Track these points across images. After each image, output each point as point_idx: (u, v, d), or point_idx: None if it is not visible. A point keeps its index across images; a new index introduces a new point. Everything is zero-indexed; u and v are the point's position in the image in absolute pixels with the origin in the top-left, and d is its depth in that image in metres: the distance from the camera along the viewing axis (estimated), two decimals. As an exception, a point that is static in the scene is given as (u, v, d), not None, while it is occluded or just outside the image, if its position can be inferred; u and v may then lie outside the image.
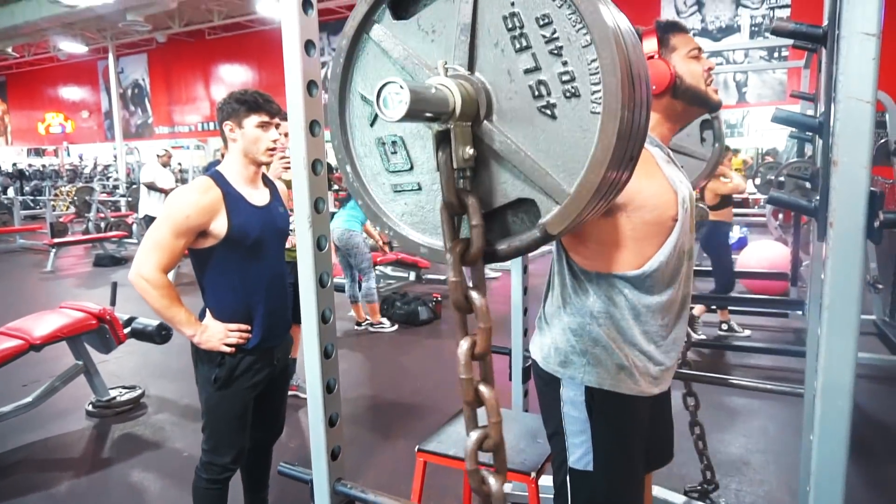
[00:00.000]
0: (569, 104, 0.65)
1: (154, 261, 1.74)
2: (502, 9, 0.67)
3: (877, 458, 2.76)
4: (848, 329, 0.81)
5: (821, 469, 0.85)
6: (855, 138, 0.78)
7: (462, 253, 0.72)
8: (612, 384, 1.30)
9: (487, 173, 0.72)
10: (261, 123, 1.83)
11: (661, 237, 1.27)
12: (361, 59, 0.79)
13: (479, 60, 0.70)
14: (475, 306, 0.72)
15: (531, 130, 0.68)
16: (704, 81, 1.36)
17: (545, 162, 0.67)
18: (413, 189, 0.80)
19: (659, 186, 1.28)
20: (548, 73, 0.66)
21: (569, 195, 0.66)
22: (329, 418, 1.37)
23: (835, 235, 0.80)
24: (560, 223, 0.68)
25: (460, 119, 0.68)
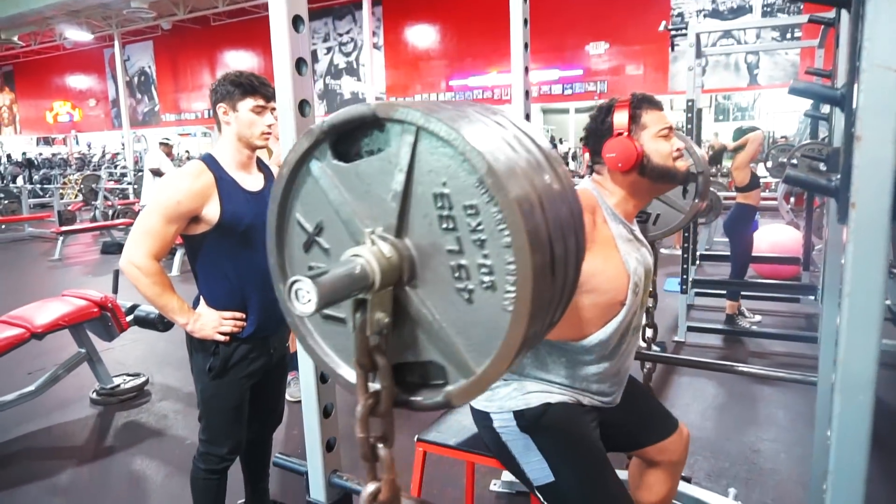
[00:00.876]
0: (485, 294, 0.66)
1: (145, 247, 1.70)
2: (434, 186, 0.67)
3: (892, 448, 2.70)
4: (871, 320, 0.75)
5: (839, 469, 0.79)
6: (881, 111, 0.71)
7: (372, 407, 0.74)
8: (539, 399, 1.36)
9: (406, 329, 0.74)
10: (256, 107, 1.77)
11: (607, 318, 1.34)
12: (302, 187, 0.79)
13: (409, 226, 0.70)
14: (381, 458, 0.75)
15: (449, 306, 0.69)
16: (672, 159, 1.38)
17: (458, 338, 0.69)
18: (339, 322, 0.80)
19: (614, 271, 1.33)
20: (469, 259, 0.66)
21: (474, 375, 0.69)
22: (324, 408, 1.33)
23: (857, 217, 0.74)
24: (464, 397, 0.71)
25: (381, 289, 0.69)
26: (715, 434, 2.82)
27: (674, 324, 4.27)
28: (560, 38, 13.34)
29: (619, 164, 1.36)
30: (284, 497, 2.33)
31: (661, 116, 1.40)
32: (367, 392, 0.74)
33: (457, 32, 15.09)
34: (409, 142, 0.68)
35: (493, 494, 2.35)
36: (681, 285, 4.10)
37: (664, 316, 4.52)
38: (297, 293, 0.64)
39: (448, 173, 0.66)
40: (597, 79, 13.67)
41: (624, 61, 13.37)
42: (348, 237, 0.74)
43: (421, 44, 15.69)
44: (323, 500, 1.35)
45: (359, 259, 0.68)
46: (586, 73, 13.77)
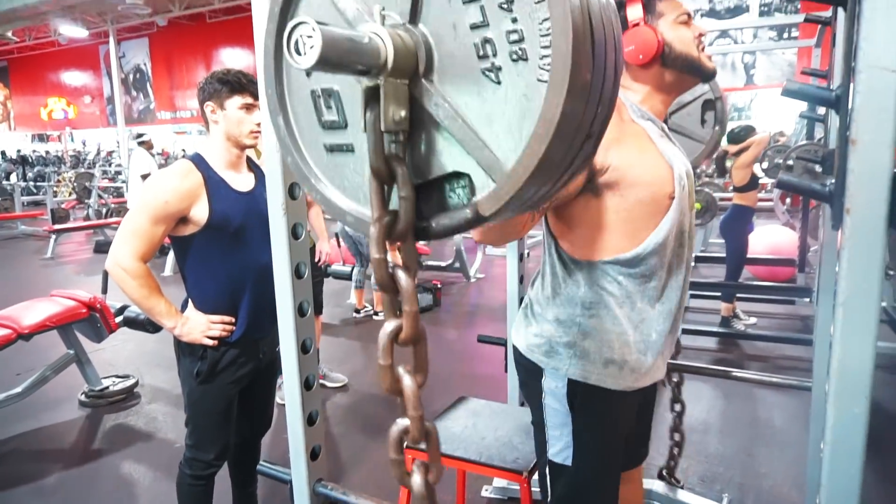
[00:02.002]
0: (515, 68, 0.56)
1: (131, 249, 1.66)
2: None
3: (888, 450, 2.68)
4: (866, 328, 0.73)
5: (833, 483, 0.77)
6: (877, 113, 0.69)
7: (389, 227, 0.62)
8: (598, 378, 1.24)
9: (424, 139, 0.63)
10: (244, 105, 1.74)
11: (657, 217, 1.19)
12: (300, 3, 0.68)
13: (422, 10, 0.61)
14: (401, 287, 0.62)
15: (473, 95, 0.59)
16: (696, 47, 1.26)
17: (485, 132, 0.58)
18: (346, 150, 0.70)
19: (653, 161, 1.19)
20: (495, 30, 0.57)
21: (505, 173, 0.58)
22: (308, 416, 1.31)
23: (852, 223, 0.71)
24: (493, 204, 0.59)
25: (392, 75, 0.59)
26: (709, 437, 2.80)
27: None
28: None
29: (640, 56, 1.25)
30: (272, 501, 2.30)
31: (677, 3, 1.29)
32: (384, 209, 0.63)
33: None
34: None
35: (484, 500, 2.32)
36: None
37: (659, 317, 4.51)
38: (298, 41, 0.54)
39: None
40: (593, 78, 13.68)
41: (620, 61, 13.39)
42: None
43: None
44: (308, 508, 1.32)
45: (368, 30, 0.59)
46: (583, 72, 13.78)
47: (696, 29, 1.26)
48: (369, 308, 5.02)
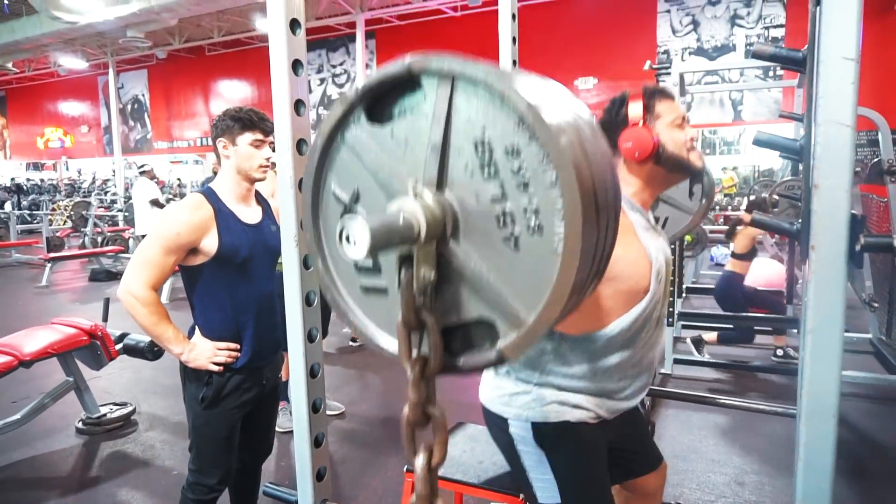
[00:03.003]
0: (532, 239, 0.65)
1: (143, 278, 1.73)
2: (473, 133, 0.66)
3: (874, 479, 2.74)
4: (831, 353, 0.81)
5: (806, 497, 0.84)
6: (835, 162, 0.78)
7: (421, 370, 0.71)
8: (558, 415, 1.34)
9: (451, 289, 0.72)
10: (255, 141, 1.83)
11: (629, 306, 1.30)
12: (336, 158, 0.79)
13: (449, 178, 0.69)
14: (435, 420, 0.71)
15: (495, 256, 0.68)
16: (687, 149, 1.37)
17: (506, 289, 0.67)
18: (380, 292, 0.79)
19: (635, 257, 1.31)
20: (514, 204, 0.65)
21: (526, 325, 0.66)
22: (315, 438, 1.36)
23: (817, 258, 0.80)
24: (517, 350, 0.68)
25: (425, 243, 0.68)
26: (700, 466, 2.85)
27: (660, 356, 4.31)
28: (549, 73, 13.35)
29: (636, 154, 1.35)
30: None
31: (674, 106, 1.39)
32: (412, 354, 0.72)
33: (448, 66, 15.38)
34: (446, 93, 0.68)
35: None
36: (667, 318, 4.15)
37: (651, 347, 4.56)
38: (348, 236, 0.63)
39: (486, 118, 0.65)
40: (585, 113, 13.94)
41: (612, 96, 13.62)
42: (386, 200, 0.72)
43: (413, 76, 15.97)
44: (313, 529, 1.36)
45: (403, 208, 0.67)
46: (575, 107, 14.05)
47: (689, 132, 1.38)
48: None
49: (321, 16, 14.35)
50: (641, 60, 10.50)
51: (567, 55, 13.56)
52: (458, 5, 14.05)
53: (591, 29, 13.38)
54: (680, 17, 12.64)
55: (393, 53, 13.85)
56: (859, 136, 7.94)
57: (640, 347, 1.36)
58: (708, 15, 12.38)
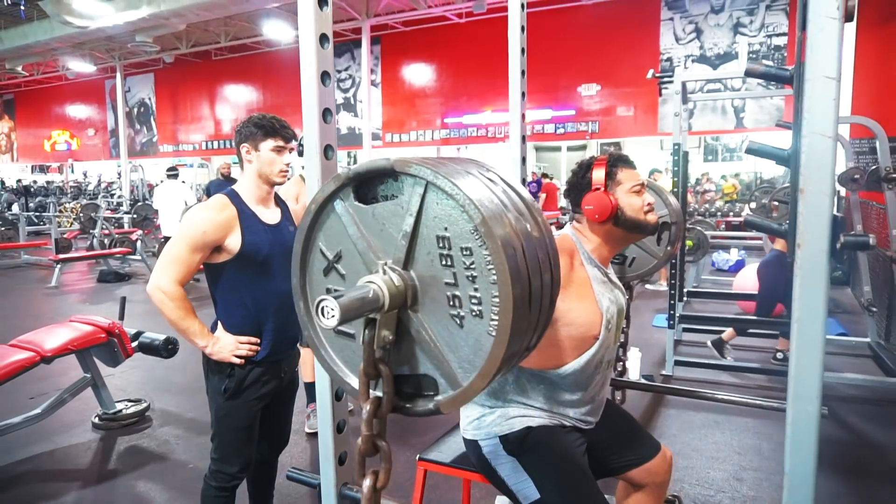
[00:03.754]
0: (473, 321, 0.81)
1: (171, 274, 1.82)
2: (437, 229, 0.83)
3: (873, 478, 2.82)
4: (815, 339, 0.90)
5: (794, 470, 0.93)
6: (818, 169, 0.87)
7: (375, 409, 0.89)
8: (521, 422, 1.50)
9: (406, 346, 0.89)
10: (276, 147, 1.93)
11: (581, 350, 1.48)
12: (326, 222, 0.95)
13: (414, 260, 0.86)
14: (381, 450, 0.91)
15: (443, 329, 0.84)
16: (643, 213, 1.55)
17: (450, 355, 0.84)
18: (349, 336, 0.96)
19: (588, 308, 1.49)
20: (462, 291, 0.81)
21: (461, 387, 0.84)
22: (337, 425, 1.45)
23: (802, 255, 0.89)
24: (451, 405, 0.86)
25: (388, 310, 0.85)
26: (700, 463, 2.93)
27: (661, 358, 4.39)
28: (553, 80, 13.76)
29: (596, 216, 1.53)
30: (286, 518, 2.41)
31: (634, 174, 1.57)
32: (370, 397, 0.90)
33: (453, 72, 15.51)
34: (419, 192, 0.84)
35: (488, 517, 2.44)
36: (668, 321, 4.24)
37: (652, 350, 4.65)
38: (323, 310, 0.78)
39: (449, 220, 0.82)
40: (588, 119, 14.06)
41: (615, 103, 13.78)
42: (363, 266, 0.90)
43: (417, 82, 16.10)
44: (334, 511, 1.45)
45: (372, 285, 0.84)
46: (578, 113, 14.16)
47: (646, 198, 1.57)
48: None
49: (327, 21, 14.48)
50: (644, 67, 10.61)
51: (571, 62, 13.68)
52: (462, 12, 14.19)
53: (595, 36, 13.50)
54: (683, 25, 12.75)
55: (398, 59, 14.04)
56: (861, 143, 8.03)
57: (592, 388, 1.55)
58: (711, 23, 12.49)
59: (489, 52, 13.41)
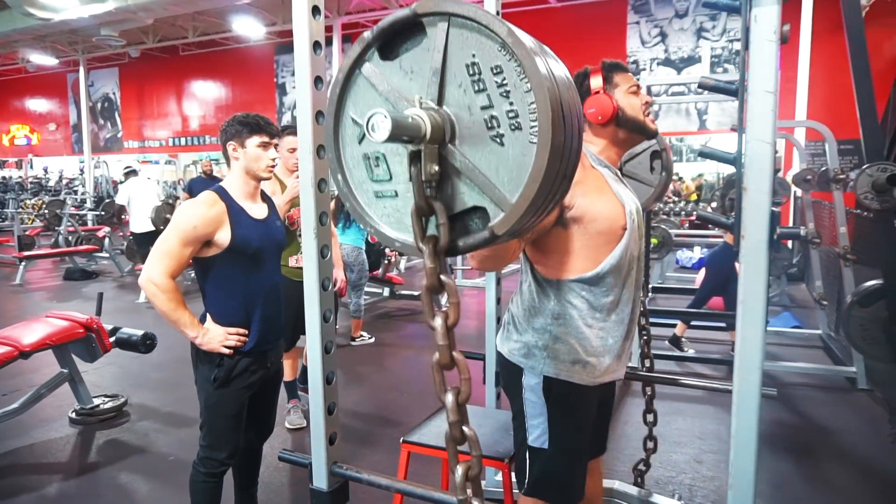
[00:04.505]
0: (513, 135, 0.85)
1: (163, 267, 1.89)
2: (465, 58, 0.87)
3: (818, 459, 3.03)
4: (758, 317, 1.04)
5: (738, 431, 1.07)
6: (759, 170, 1.01)
7: (434, 246, 0.91)
8: (567, 375, 1.53)
9: (450, 184, 0.91)
10: (261, 143, 2.01)
11: (613, 244, 1.50)
12: (353, 89, 0.98)
13: (446, 97, 0.90)
14: (447, 285, 0.91)
15: (485, 153, 0.88)
16: (643, 112, 1.60)
17: (494, 178, 0.88)
18: (391, 195, 0.98)
19: (609, 201, 1.51)
20: (498, 110, 0.85)
21: (511, 204, 0.86)
22: (328, 407, 1.55)
23: (746, 245, 1.03)
24: (504, 226, 0.87)
25: (430, 142, 0.87)
26: (663, 447, 3.09)
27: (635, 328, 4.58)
28: (523, 80, 13.95)
29: (598, 118, 1.58)
30: (270, 503, 2.48)
31: (629, 77, 1.63)
32: (426, 235, 0.91)
33: (424, 71, 15.59)
34: (444, 28, 0.88)
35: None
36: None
37: (620, 343, 4.83)
38: (375, 125, 0.81)
39: (476, 45, 0.86)
40: (557, 119, 14.29)
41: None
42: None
43: (389, 80, 16.14)
44: (325, 488, 1.55)
45: (413, 114, 0.87)
46: (548, 113, 14.39)
47: (643, 98, 1.62)
48: (365, 336, 5.21)
49: (298, 18, 14.41)
50: (612, 70, 10.80)
51: (540, 63, 13.87)
52: (434, 11, 14.26)
53: (564, 37, 13.73)
54: (649, 29, 13.08)
55: (371, 58, 13.86)
56: (815, 146, 8.40)
57: (628, 288, 1.55)
58: (675, 27, 12.85)
59: (460, 51, 13.52)
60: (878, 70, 4.21)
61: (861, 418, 3.50)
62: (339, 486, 1.58)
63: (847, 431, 3.32)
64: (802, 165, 5.28)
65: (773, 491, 2.68)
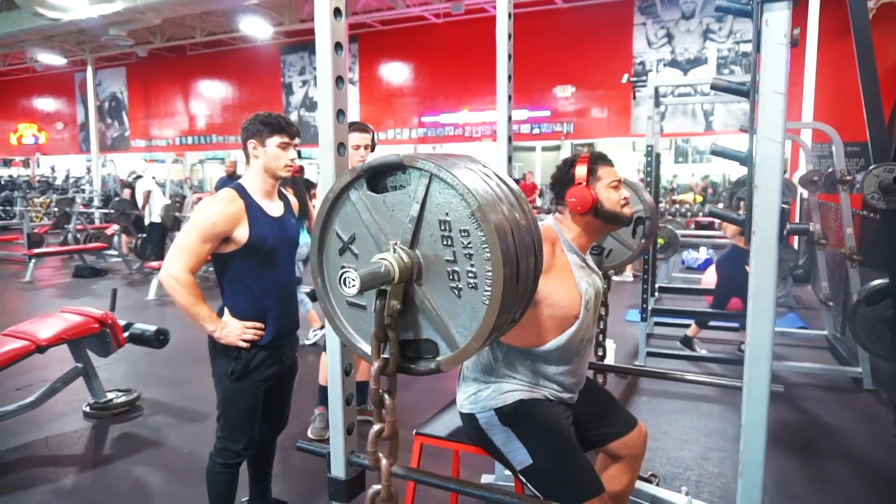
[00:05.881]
0: (470, 292, 0.97)
1: (183, 262, 1.94)
2: (440, 214, 0.98)
3: (822, 457, 3.05)
4: (767, 310, 1.07)
5: (749, 421, 1.11)
6: (770, 169, 1.05)
7: (383, 368, 1.05)
8: (514, 397, 1.67)
9: (410, 314, 1.04)
10: (282, 143, 2.05)
11: (563, 329, 1.66)
12: (342, 208, 1.10)
13: (419, 240, 1.01)
14: (386, 405, 1.07)
15: (444, 299, 1.00)
16: (620, 206, 1.74)
17: (449, 321, 1.01)
18: (361, 308, 1.10)
19: (569, 290, 1.67)
20: (461, 267, 0.97)
21: (458, 348, 0.99)
22: (346, 398, 1.59)
23: (756, 240, 1.06)
24: (451, 364, 1.02)
25: (397, 283, 1.00)
26: (670, 444, 3.13)
27: (634, 350, 4.61)
28: (529, 81, 13.97)
29: (578, 207, 1.72)
30: (284, 496, 2.53)
31: (612, 171, 1.77)
32: (380, 357, 1.05)
33: (430, 71, 15.64)
34: (425, 183, 1.00)
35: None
36: (641, 315, 4.46)
37: (626, 343, 4.87)
38: (346, 280, 0.94)
39: (450, 206, 0.98)
40: (563, 120, 14.32)
41: (589, 104, 14.07)
42: (374, 247, 1.06)
43: (395, 81, 16.19)
44: (342, 476, 1.59)
45: (384, 261, 1.00)
46: (553, 114, 14.42)
47: (622, 192, 1.77)
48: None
49: (304, 18, 14.49)
50: (618, 70, 10.89)
51: (547, 64, 13.92)
52: (440, 12, 14.32)
53: (570, 39, 13.76)
54: (655, 30, 13.10)
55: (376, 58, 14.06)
56: (822, 147, 8.41)
57: (575, 363, 1.73)
58: (682, 29, 12.86)
59: (466, 52, 13.58)
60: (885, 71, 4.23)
61: (866, 418, 3.52)
62: (356, 476, 1.62)
63: (852, 431, 3.34)
64: (809, 167, 5.30)
65: (778, 487, 2.71)
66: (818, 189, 4.81)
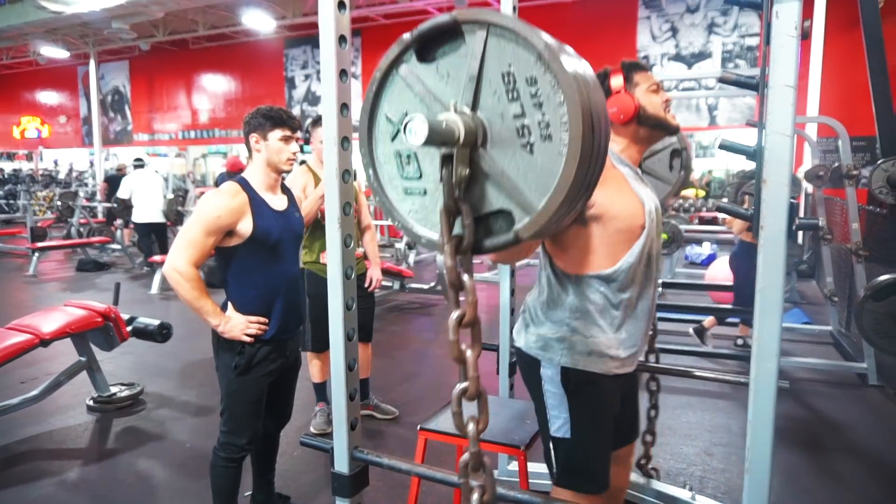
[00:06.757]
0: (543, 145, 0.87)
1: (187, 256, 1.94)
2: (501, 67, 0.89)
3: (828, 452, 3.04)
4: (775, 306, 1.06)
5: (756, 415, 1.10)
6: (779, 163, 1.03)
7: (457, 245, 0.93)
8: (584, 365, 1.56)
9: (479, 186, 0.93)
10: (284, 137, 2.05)
11: (631, 242, 1.53)
12: (389, 89, 1.01)
13: (480, 102, 0.92)
14: (465, 285, 0.92)
15: (515, 160, 0.90)
16: (664, 110, 1.62)
17: (522, 183, 0.90)
18: (420, 193, 1.01)
19: (629, 200, 1.54)
20: (531, 119, 0.88)
21: (536, 210, 0.88)
22: (349, 393, 1.58)
23: (765, 235, 1.05)
24: (529, 230, 0.90)
25: (462, 146, 0.90)
26: (674, 440, 3.13)
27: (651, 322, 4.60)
28: (532, 75, 13.94)
29: (620, 117, 1.61)
30: (287, 490, 2.53)
31: (649, 76, 1.65)
32: (451, 233, 0.93)
33: (433, 65, 15.59)
34: (482, 35, 0.90)
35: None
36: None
37: (629, 337, 4.85)
38: (411, 128, 0.83)
39: (512, 55, 0.88)
40: (567, 114, 14.27)
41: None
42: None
43: (398, 75, 16.15)
44: (346, 472, 1.59)
45: (448, 118, 0.89)
46: (557, 108, 14.37)
47: (663, 95, 1.64)
48: None
49: (308, 12, 14.44)
50: (622, 65, 10.75)
51: (550, 58, 13.84)
52: (444, 6, 14.26)
53: (574, 33, 13.68)
54: (660, 24, 13.02)
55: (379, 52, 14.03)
56: (828, 142, 8.36)
57: (645, 284, 1.58)
58: (686, 22, 12.78)
59: (470, 46, 13.51)
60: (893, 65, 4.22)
61: (871, 413, 3.51)
62: (359, 471, 1.62)
63: (857, 426, 3.33)
64: (814, 162, 5.27)
65: (784, 482, 2.70)
66: (824, 184, 4.78)
